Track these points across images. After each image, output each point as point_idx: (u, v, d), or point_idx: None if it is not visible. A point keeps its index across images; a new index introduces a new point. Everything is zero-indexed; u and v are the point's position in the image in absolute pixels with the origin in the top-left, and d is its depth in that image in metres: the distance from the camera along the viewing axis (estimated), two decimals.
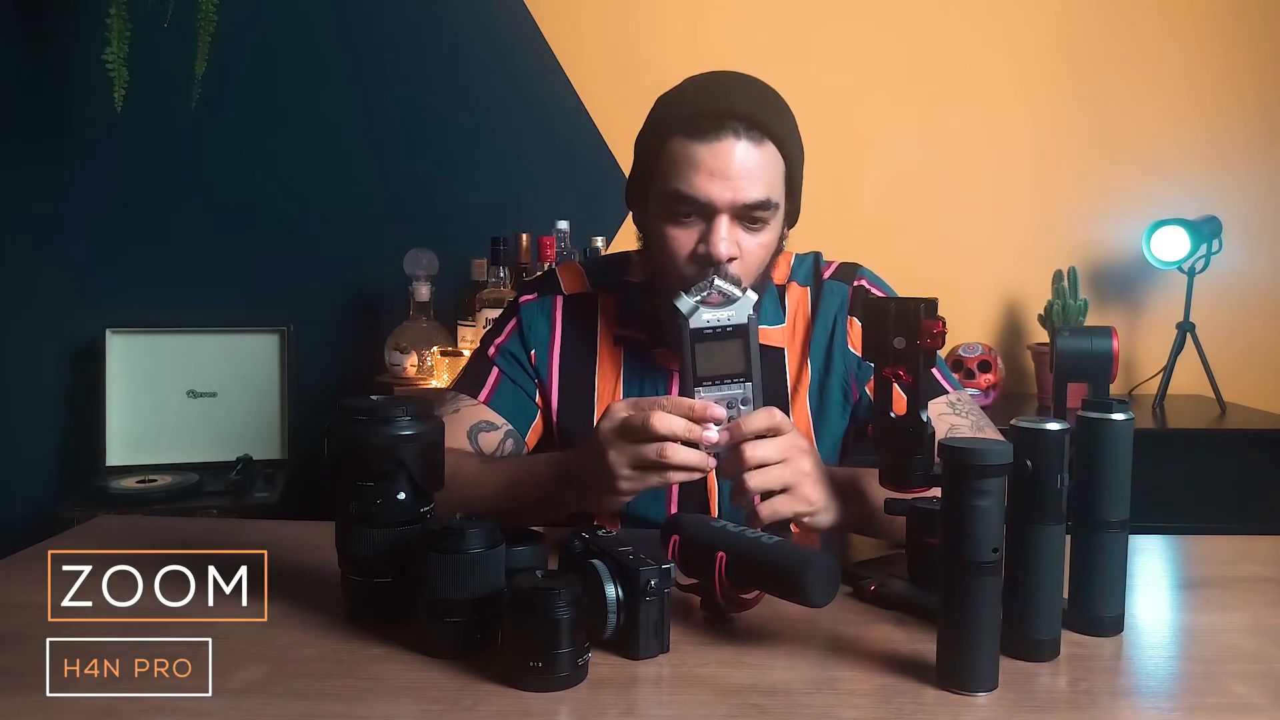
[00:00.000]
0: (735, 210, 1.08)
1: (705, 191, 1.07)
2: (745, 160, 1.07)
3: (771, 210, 1.10)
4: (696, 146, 1.07)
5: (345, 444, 0.83)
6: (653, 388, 1.21)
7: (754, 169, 1.07)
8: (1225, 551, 1.13)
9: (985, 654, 0.73)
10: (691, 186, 1.07)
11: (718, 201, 1.07)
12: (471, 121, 2.42)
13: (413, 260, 2.23)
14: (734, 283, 1.01)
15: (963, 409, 1.18)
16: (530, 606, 0.72)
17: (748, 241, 1.10)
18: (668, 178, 1.10)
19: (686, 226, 1.10)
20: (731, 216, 1.08)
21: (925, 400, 0.90)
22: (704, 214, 1.09)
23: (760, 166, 1.08)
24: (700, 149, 1.07)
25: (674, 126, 1.10)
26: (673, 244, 1.11)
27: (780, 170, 1.11)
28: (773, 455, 0.95)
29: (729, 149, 1.06)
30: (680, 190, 1.08)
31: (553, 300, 1.26)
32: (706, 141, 1.07)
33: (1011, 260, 2.48)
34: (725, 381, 0.97)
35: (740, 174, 1.07)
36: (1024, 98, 2.45)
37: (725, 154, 1.06)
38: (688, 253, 1.10)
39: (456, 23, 2.42)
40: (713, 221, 1.08)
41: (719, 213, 1.08)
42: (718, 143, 1.07)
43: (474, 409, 1.20)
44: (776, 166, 1.10)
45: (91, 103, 2.20)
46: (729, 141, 1.07)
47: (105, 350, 2.23)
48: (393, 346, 2.20)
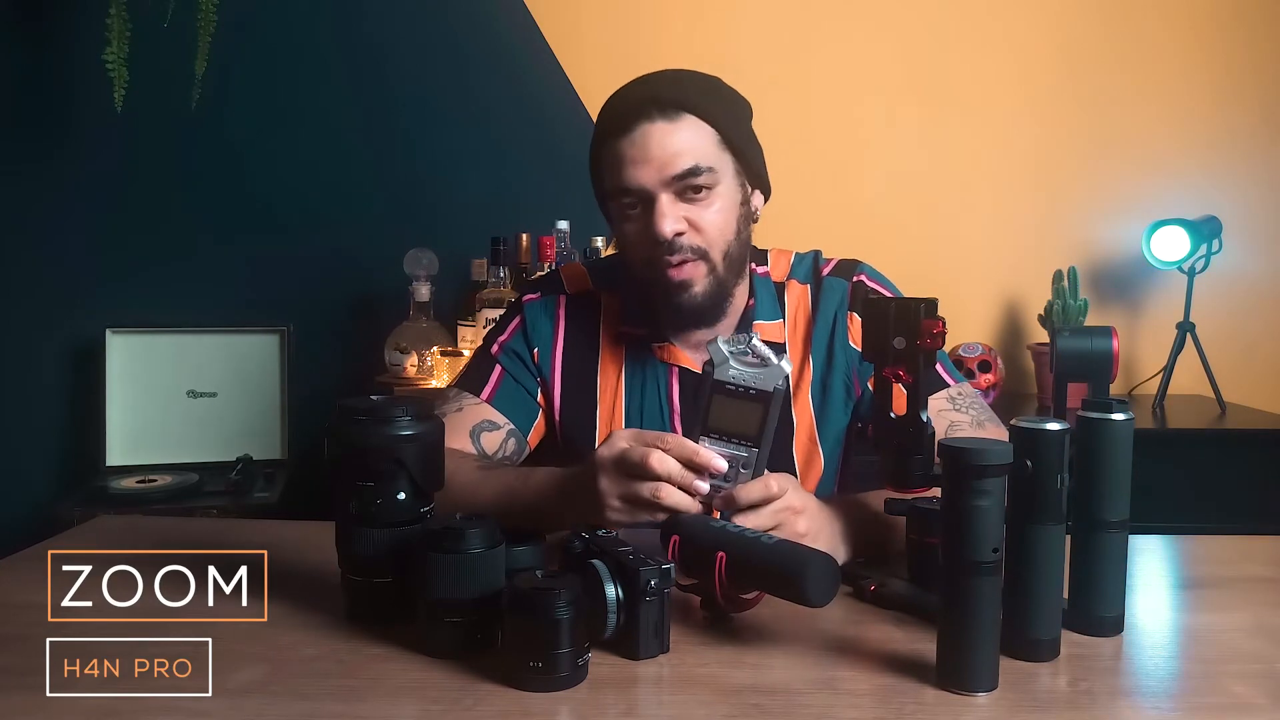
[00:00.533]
0: (668, 186, 1.11)
1: (635, 179, 1.12)
2: (663, 139, 1.11)
3: (706, 174, 1.12)
4: (618, 142, 1.13)
5: (345, 444, 0.83)
6: (654, 383, 1.22)
7: (676, 144, 1.11)
8: (1225, 551, 1.13)
9: (985, 654, 0.73)
10: (623, 179, 1.12)
11: (646, 183, 1.11)
12: (471, 121, 2.42)
13: (413, 260, 2.23)
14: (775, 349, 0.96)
15: (963, 403, 1.18)
16: (530, 606, 0.72)
17: (696, 214, 1.13)
18: (606, 180, 1.16)
19: (634, 219, 1.15)
20: (672, 195, 1.12)
21: (925, 400, 0.90)
22: (644, 200, 1.13)
23: (683, 140, 1.11)
24: (621, 143, 1.12)
25: (602, 132, 1.16)
26: (627, 237, 1.17)
27: (709, 137, 1.13)
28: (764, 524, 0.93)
29: (644, 133, 1.11)
30: (616, 186, 1.14)
31: (556, 300, 1.26)
32: (625, 134, 1.12)
33: (1011, 260, 2.48)
34: (733, 441, 0.94)
35: (660, 151, 1.11)
36: (1024, 98, 2.45)
37: (642, 139, 1.11)
38: (640, 239, 1.14)
39: (456, 23, 2.42)
40: (654, 205, 1.12)
41: (654, 194, 1.11)
42: (634, 132, 1.12)
43: (477, 408, 1.20)
44: (702, 134, 1.13)
45: (91, 103, 2.20)
46: (643, 126, 1.11)
47: (105, 350, 2.23)
48: (393, 346, 2.20)
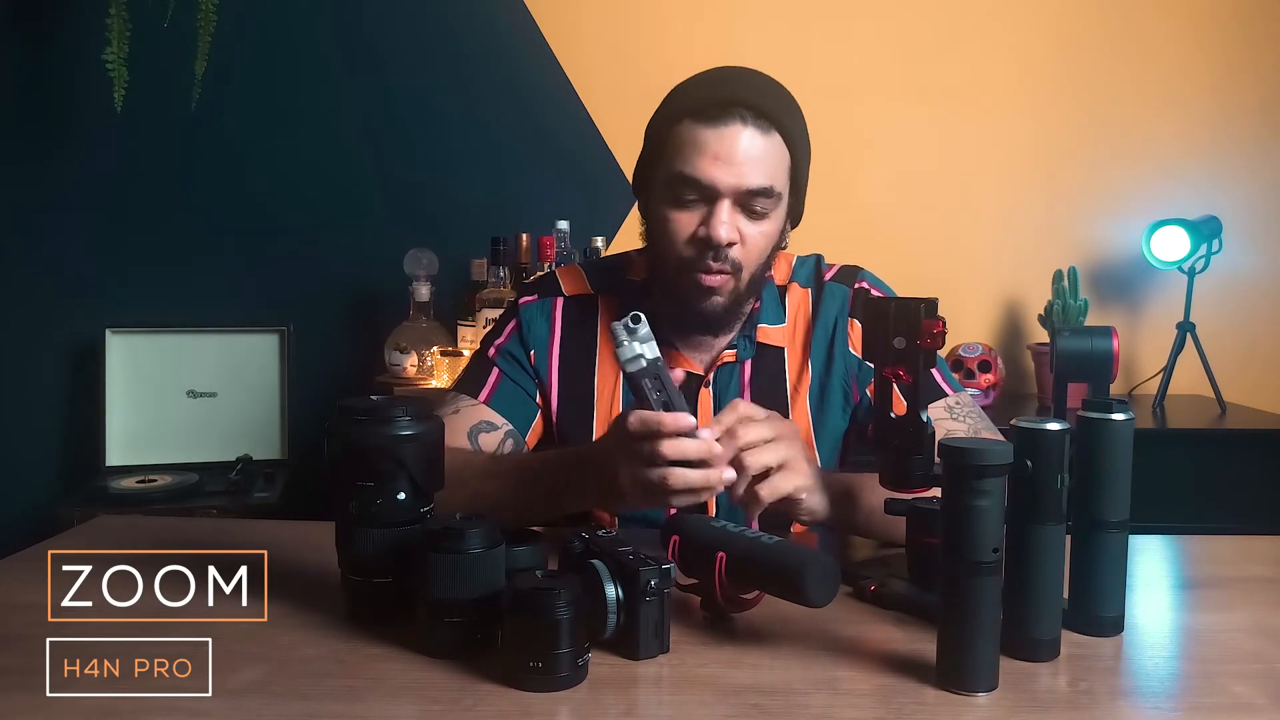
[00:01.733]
0: (737, 195, 1.09)
1: (709, 174, 1.08)
2: (750, 147, 1.08)
3: (774, 200, 1.11)
4: (703, 130, 1.09)
5: (345, 444, 0.83)
6: None
7: (758, 156, 1.09)
8: (1225, 551, 1.13)
9: (985, 654, 0.73)
10: (695, 169, 1.09)
11: (720, 185, 1.09)
12: (471, 121, 2.42)
13: (413, 260, 2.23)
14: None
15: (961, 413, 1.18)
16: (530, 606, 0.72)
17: (749, 229, 1.12)
18: (673, 161, 1.11)
19: (688, 210, 1.12)
20: (733, 202, 1.10)
21: (925, 400, 0.90)
22: (706, 198, 1.10)
23: (765, 155, 1.09)
24: (706, 132, 1.09)
25: (682, 111, 1.12)
26: (673, 226, 1.13)
27: (785, 162, 1.13)
28: (766, 433, 0.97)
29: (735, 134, 1.08)
30: (684, 173, 1.10)
31: (552, 302, 1.26)
32: (713, 126, 1.08)
33: (1011, 260, 2.48)
34: None
35: (744, 160, 1.08)
36: (1024, 98, 2.45)
37: (731, 139, 1.08)
38: (687, 235, 1.12)
39: (456, 23, 2.42)
40: (714, 205, 1.10)
41: (721, 197, 1.09)
42: (724, 127, 1.08)
43: (474, 409, 1.20)
44: (781, 158, 1.12)
45: (91, 103, 2.20)
46: (735, 127, 1.08)
47: (105, 350, 2.23)
48: (393, 346, 2.20)
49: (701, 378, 1.22)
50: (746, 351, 1.22)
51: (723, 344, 1.22)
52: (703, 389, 1.21)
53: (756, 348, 1.22)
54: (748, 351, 1.22)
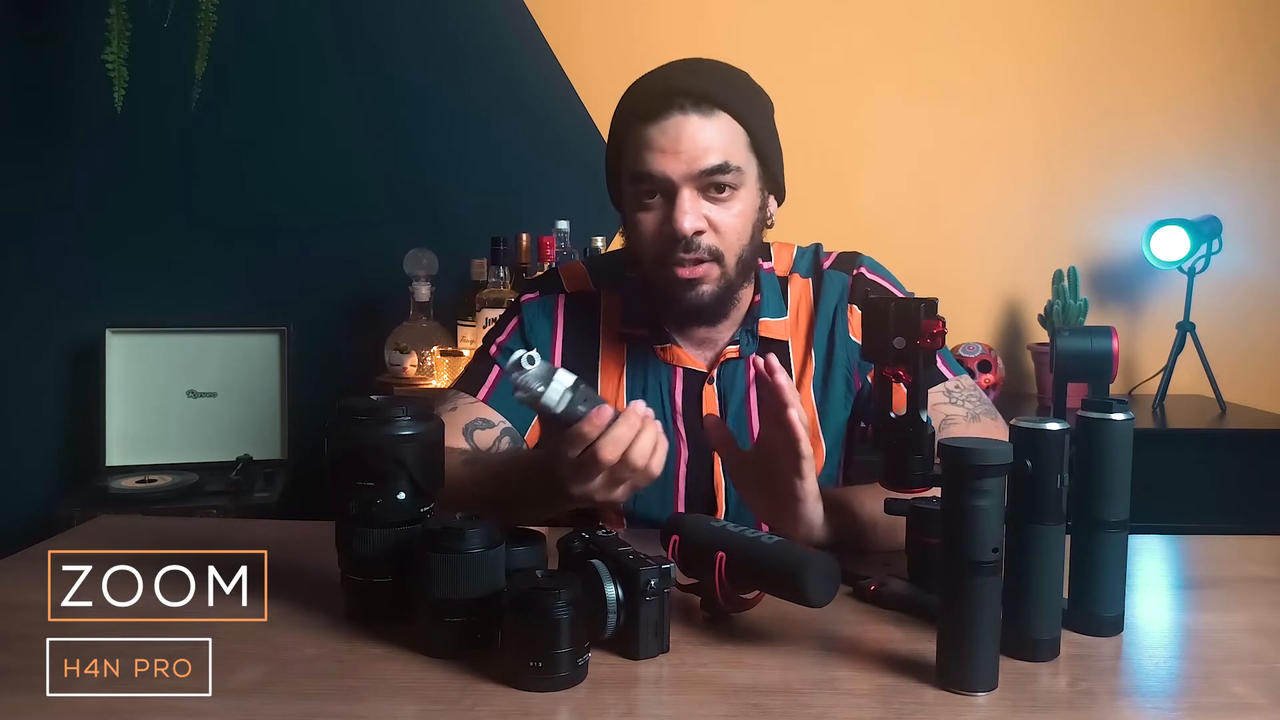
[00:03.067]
0: (693, 181, 1.10)
1: (659, 167, 1.10)
2: (696, 133, 1.09)
3: (733, 174, 1.11)
4: (647, 128, 1.10)
5: (345, 444, 0.83)
6: (656, 383, 1.21)
7: (706, 140, 1.10)
8: (1225, 551, 1.13)
9: (985, 654, 0.73)
10: (646, 165, 1.10)
11: (672, 174, 1.10)
12: (471, 121, 2.42)
13: (413, 260, 2.23)
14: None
15: (960, 396, 1.18)
16: (530, 606, 0.72)
17: (716, 213, 1.12)
18: (629, 164, 1.13)
19: (652, 208, 1.13)
20: (695, 190, 1.10)
21: (925, 400, 0.90)
22: (665, 192, 1.11)
23: (713, 137, 1.10)
24: (651, 129, 1.10)
25: (628, 114, 1.14)
26: (641, 226, 1.14)
27: (740, 138, 1.12)
28: None
29: (677, 125, 1.09)
30: (638, 170, 1.11)
31: (555, 299, 1.26)
32: (656, 121, 1.10)
33: (1011, 260, 2.48)
34: None
35: (691, 146, 1.09)
36: (1025, 98, 2.45)
37: (674, 130, 1.09)
38: (654, 232, 1.13)
39: (456, 23, 2.41)
40: (675, 198, 1.10)
41: (678, 188, 1.10)
42: (666, 120, 1.10)
43: (471, 406, 1.20)
44: (733, 134, 1.12)
45: (91, 103, 2.20)
46: (676, 118, 1.09)
47: (105, 350, 2.23)
48: (393, 346, 2.20)
49: (705, 374, 1.21)
50: (749, 347, 1.22)
51: (725, 340, 1.22)
52: (707, 386, 1.21)
53: (759, 342, 1.22)
54: (750, 347, 1.22)
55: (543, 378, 0.88)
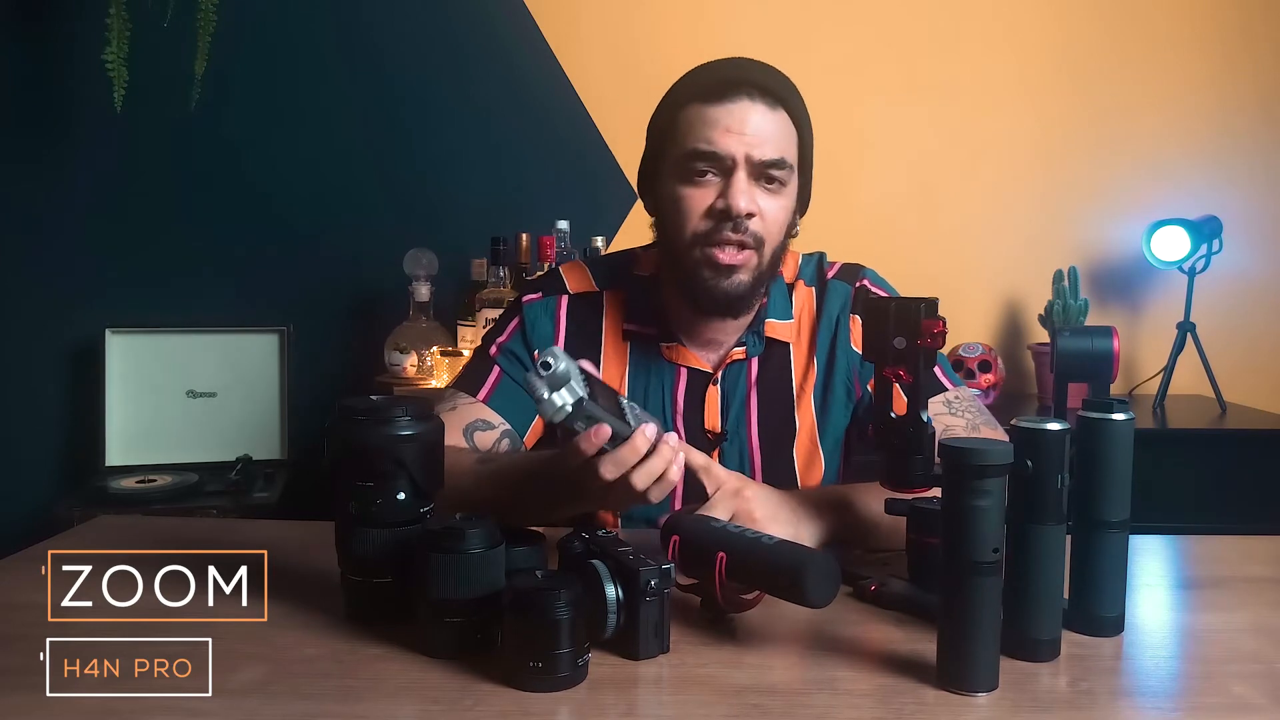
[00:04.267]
0: (752, 166, 1.11)
1: (723, 146, 1.10)
2: (761, 121, 1.11)
3: (788, 172, 1.13)
4: (712, 109, 1.11)
5: (345, 444, 0.83)
6: (659, 382, 1.22)
7: (769, 130, 1.11)
8: (1225, 551, 1.13)
9: (985, 654, 0.73)
10: (709, 142, 1.10)
11: (736, 154, 1.10)
12: (471, 121, 2.42)
13: (413, 260, 2.23)
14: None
15: (959, 407, 1.18)
16: (530, 606, 0.72)
17: (766, 203, 1.13)
18: (683, 142, 1.13)
19: (703, 186, 1.13)
20: (749, 175, 1.11)
21: (925, 400, 0.90)
22: (722, 170, 1.12)
23: (775, 130, 1.12)
24: (716, 110, 1.11)
25: (689, 96, 1.14)
26: (687, 203, 1.13)
27: (794, 139, 1.15)
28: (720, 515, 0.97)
29: (744, 109, 1.10)
30: (698, 148, 1.11)
31: (557, 300, 1.25)
32: (722, 104, 1.11)
33: (1011, 260, 2.48)
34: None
35: (756, 131, 1.10)
36: (1025, 98, 2.45)
37: (741, 113, 1.10)
38: (704, 210, 1.12)
39: (456, 23, 2.41)
40: (730, 177, 1.11)
41: (736, 168, 1.10)
42: (733, 104, 1.10)
43: (471, 407, 1.20)
44: (790, 134, 1.14)
45: (91, 103, 2.20)
46: (744, 103, 1.10)
47: (105, 350, 2.23)
48: (393, 346, 2.20)
49: (710, 375, 1.22)
50: (756, 348, 1.22)
51: (732, 341, 1.22)
52: (711, 386, 1.21)
53: (765, 343, 1.22)
54: (757, 348, 1.22)
55: (551, 384, 0.86)
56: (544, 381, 0.86)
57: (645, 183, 1.22)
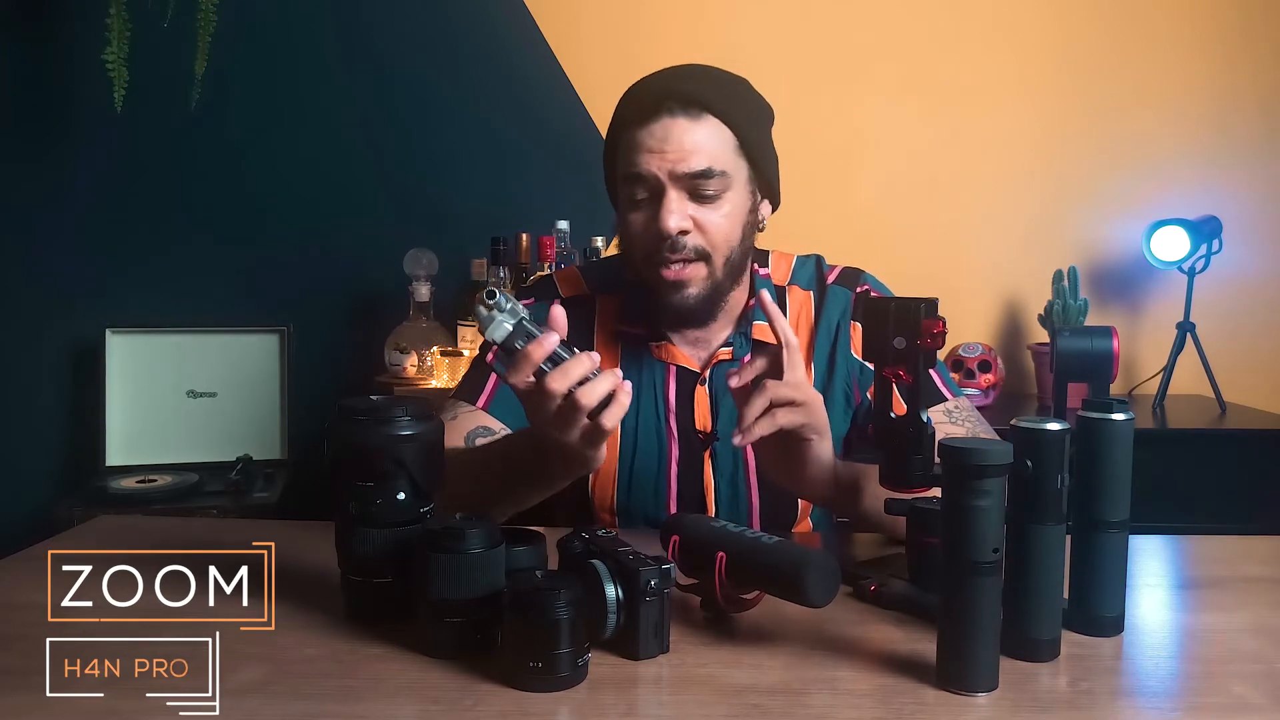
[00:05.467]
0: (679, 182, 1.12)
1: (647, 167, 1.12)
2: (682, 135, 1.11)
3: (718, 179, 1.13)
4: (637, 131, 1.13)
5: (345, 444, 0.83)
6: (650, 381, 1.22)
7: (693, 143, 1.11)
8: (1225, 551, 1.13)
9: (985, 654, 0.73)
10: (634, 165, 1.13)
11: (658, 173, 1.12)
12: (471, 121, 2.42)
13: (413, 260, 2.23)
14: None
15: (959, 417, 1.19)
16: (530, 606, 0.72)
17: (703, 214, 1.14)
18: (620, 166, 1.16)
19: (641, 208, 1.15)
20: (681, 191, 1.12)
21: (925, 402, 0.90)
22: (653, 192, 1.13)
23: (700, 140, 1.12)
24: (640, 132, 1.12)
25: (620, 119, 1.16)
26: (631, 228, 1.16)
27: (727, 141, 1.14)
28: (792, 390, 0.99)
29: (664, 127, 1.11)
30: (627, 172, 1.14)
31: (549, 305, 1.25)
32: (644, 124, 1.12)
33: (1011, 260, 2.48)
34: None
35: (677, 148, 1.11)
36: (1025, 98, 2.45)
37: (661, 132, 1.11)
38: (644, 231, 1.15)
39: (456, 23, 2.41)
40: (662, 198, 1.12)
41: (665, 188, 1.12)
42: (654, 123, 1.12)
43: (472, 414, 1.20)
44: (721, 138, 1.13)
45: (91, 103, 2.20)
46: (664, 120, 1.11)
47: (105, 350, 2.23)
48: (393, 346, 2.20)
49: (698, 375, 1.22)
50: (743, 349, 1.22)
51: (718, 341, 1.23)
52: (699, 387, 1.21)
53: (753, 345, 1.23)
54: (744, 349, 1.22)
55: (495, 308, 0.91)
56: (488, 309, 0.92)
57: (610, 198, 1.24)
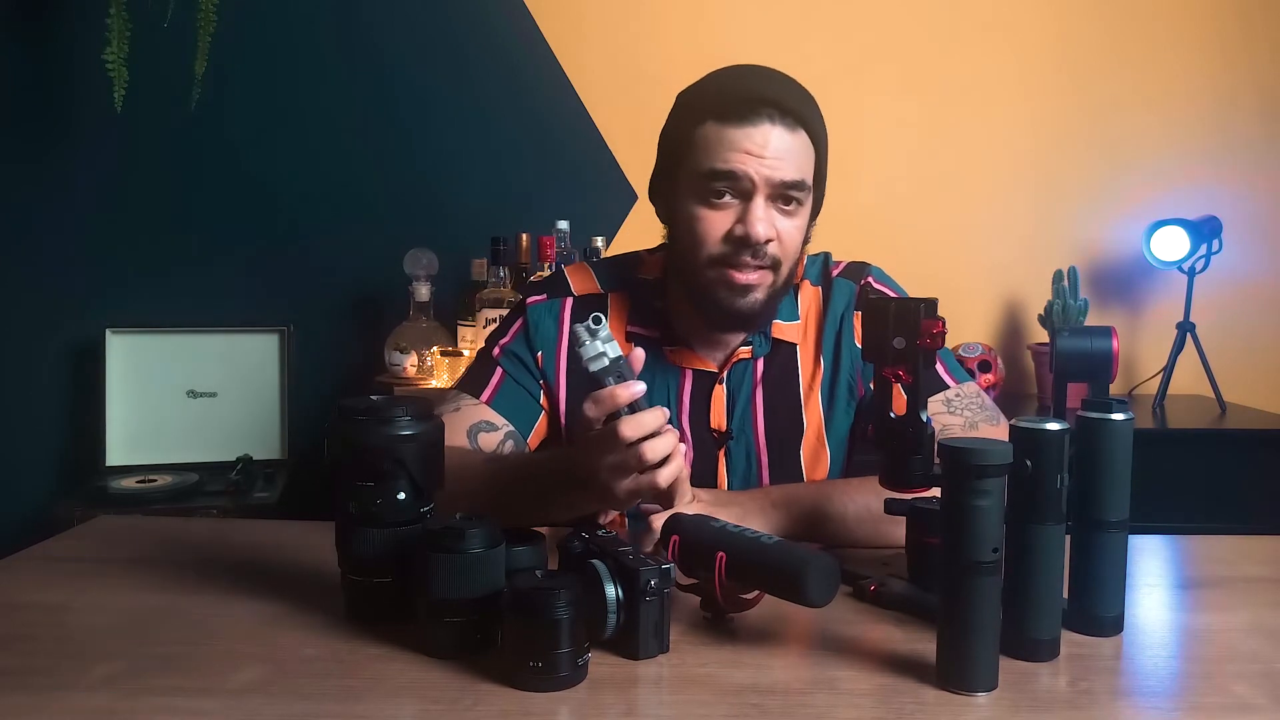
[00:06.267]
0: (772, 190, 1.11)
1: (744, 168, 1.09)
2: (780, 144, 1.10)
3: (805, 192, 1.13)
4: (732, 130, 1.10)
5: (345, 444, 0.83)
6: (664, 384, 1.21)
7: (789, 152, 1.10)
8: (1225, 551, 1.13)
9: (985, 654, 0.73)
10: (729, 164, 1.10)
11: (756, 179, 1.10)
12: (471, 121, 2.42)
13: (413, 260, 2.23)
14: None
15: (959, 405, 1.18)
16: (530, 606, 0.72)
17: (783, 224, 1.13)
18: (702, 161, 1.12)
19: (720, 208, 1.12)
20: (767, 199, 1.11)
21: (925, 400, 0.90)
22: (740, 194, 1.11)
23: (794, 151, 1.11)
24: (736, 132, 1.10)
25: (706, 113, 1.12)
26: (705, 225, 1.13)
27: (811, 158, 1.14)
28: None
29: (765, 132, 1.09)
30: (717, 168, 1.10)
31: (561, 302, 1.25)
32: (742, 125, 1.10)
33: (1011, 260, 2.48)
34: None
35: (776, 155, 1.10)
36: (1025, 98, 2.45)
37: (762, 137, 1.09)
38: (722, 233, 1.12)
39: (456, 22, 2.41)
40: (749, 202, 1.10)
41: (755, 193, 1.10)
42: (754, 127, 1.09)
43: (475, 408, 1.20)
44: (808, 154, 1.14)
45: (91, 102, 2.20)
46: (765, 126, 1.09)
47: (105, 350, 2.23)
48: (393, 346, 2.20)
49: (716, 375, 1.22)
50: (762, 348, 1.22)
51: (738, 340, 1.22)
52: (717, 386, 1.21)
53: (771, 343, 1.23)
54: (763, 348, 1.22)
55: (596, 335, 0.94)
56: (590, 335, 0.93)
57: (659, 192, 1.22)
